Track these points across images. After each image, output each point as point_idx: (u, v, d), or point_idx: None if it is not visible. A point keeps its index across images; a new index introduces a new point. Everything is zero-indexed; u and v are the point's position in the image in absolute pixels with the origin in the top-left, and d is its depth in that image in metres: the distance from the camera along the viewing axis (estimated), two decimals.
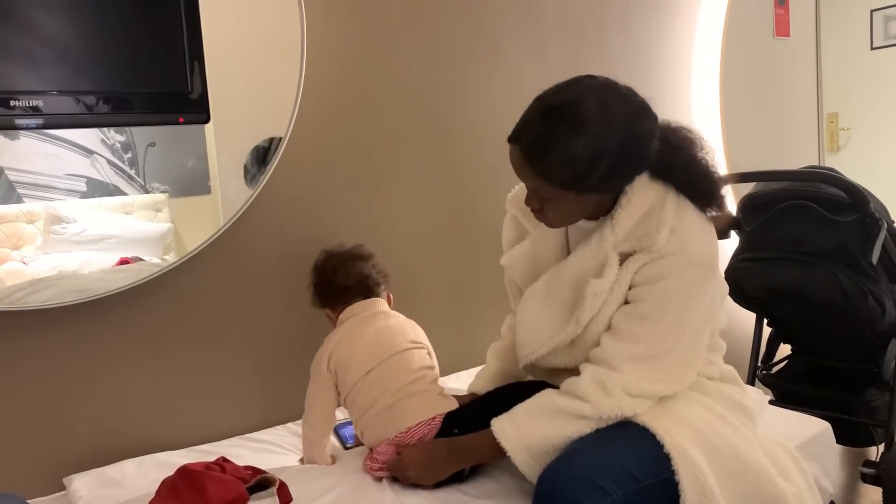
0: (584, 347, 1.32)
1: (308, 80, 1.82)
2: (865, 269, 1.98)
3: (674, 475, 1.19)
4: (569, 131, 1.19)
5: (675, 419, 1.25)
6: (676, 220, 1.26)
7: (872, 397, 2.15)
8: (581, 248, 1.34)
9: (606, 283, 1.27)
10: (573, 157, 1.18)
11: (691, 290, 1.25)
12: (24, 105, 1.47)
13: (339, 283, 1.62)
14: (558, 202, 1.26)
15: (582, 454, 1.19)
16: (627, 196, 1.28)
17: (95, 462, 1.61)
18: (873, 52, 4.03)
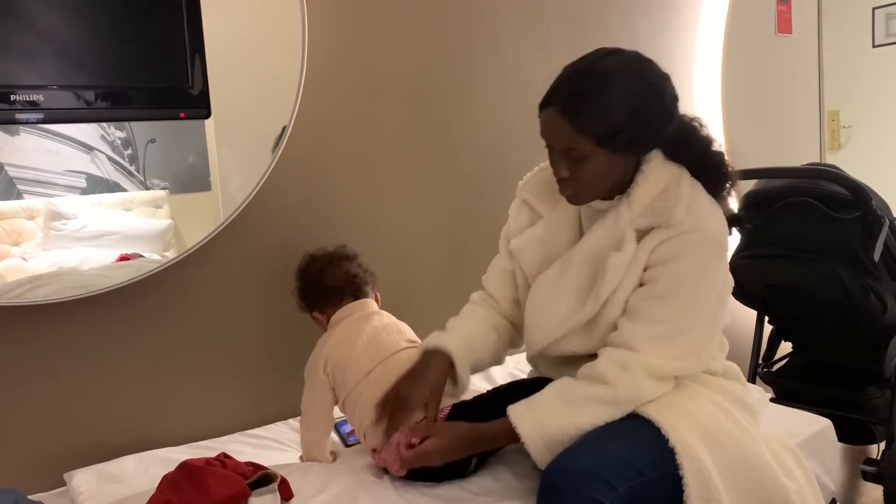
0: (598, 331, 1.32)
1: (309, 76, 1.81)
2: (867, 266, 1.98)
3: (677, 470, 1.19)
4: (601, 85, 1.23)
5: (681, 413, 1.24)
6: (691, 198, 1.29)
7: (873, 395, 2.15)
8: (597, 227, 1.34)
9: (626, 256, 1.28)
10: (609, 108, 1.22)
11: (705, 267, 1.27)
12: (24, 100, 1.47)
13: (327, 284, 1.60)
14: (590, 163, 1.26)
15: (587, 448, 1.19)
16: (644, 173, 1.31)
17: (96, 458, 1.61)
18: (875, 50, 4.02)
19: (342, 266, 1.62)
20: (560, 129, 1.26)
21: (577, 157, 1.26)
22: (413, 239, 2.13)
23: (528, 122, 2.34)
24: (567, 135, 1.25)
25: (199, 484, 1.20)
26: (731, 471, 1.23)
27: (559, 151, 1.29)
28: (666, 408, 1.25)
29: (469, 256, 2.25)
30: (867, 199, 1.93)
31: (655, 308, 1.26)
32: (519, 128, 2.32)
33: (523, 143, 2.33)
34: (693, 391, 1.31)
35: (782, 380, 2.33)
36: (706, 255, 1.27)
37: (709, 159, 1.35)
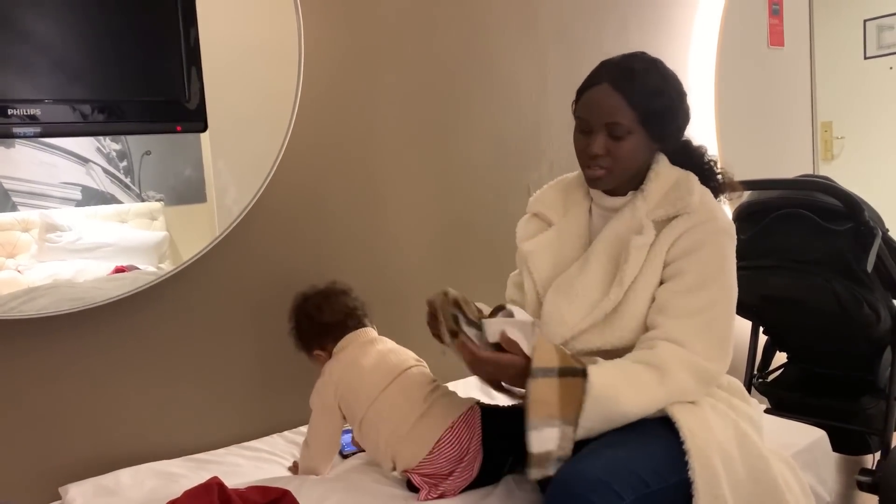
0: (621, 322, 1.33)
1: (305, 90, 1.82)
2: (860, 277, 1.98)
3: (683, 479, 1.20)
4: (650, 70, 1.35)
5: (699, 423, 1.25)
6: (702, 191, 1.37)
7: (868, 405, 2.15)
8: (614, 221, 1.39)
9: (648, 238, 1.33)
10: (656, 90, 1.33)
11: (725, 255, 1.34)
12: (21, 113, 1.47)
13: (327, 320, 1.60)
14: (628, 141, 1.33)
15: (598, 455, 1.19)
16: (655, 170, 1.39)
17: (91, 471, 1.60)
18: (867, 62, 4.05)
19: (339, 301, 1.62)
20: (610, 103, 1.32)
21: (620, 133, 1.32)
22: (409, 252, 2.13)
23: (524, 136, 2.35)
24: (617, 108, 1.32)
25: None
26: (741, 485, 1.23)
27: (600, 128, 1.34)
28: (686, 412, 1.27)
29: (464, 269, 2.25)
30: (860, 211, 1.94)
31: (690, 300, 1.30)
32: (514, 141, 2.33)
33: (519, 157, 2.34)
34: (706, 405, 1.32)
35: (777, 390, 2.33)
36: (724, 242, 1.34)
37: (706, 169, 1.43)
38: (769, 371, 2.43)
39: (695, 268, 1.31)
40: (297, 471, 1.59)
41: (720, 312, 1.31)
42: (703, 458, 1.21)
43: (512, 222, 1.59)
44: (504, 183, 2.31)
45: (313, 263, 1.95)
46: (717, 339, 1.31)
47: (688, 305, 1.29)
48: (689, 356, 1.27)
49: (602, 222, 1.44)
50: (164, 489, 1.48)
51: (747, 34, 3.05)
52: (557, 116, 2.40)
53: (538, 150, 2.37)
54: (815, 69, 3.33)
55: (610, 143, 1.33)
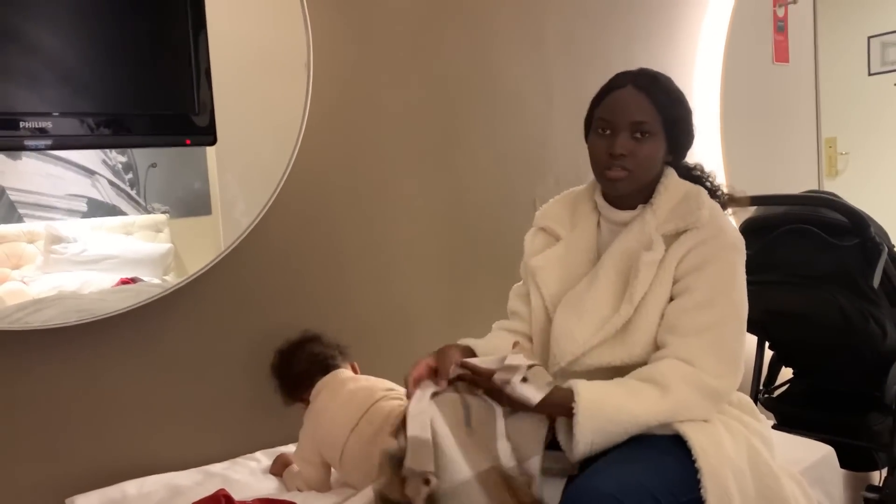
0: (631, 338, 1.32)
1: (313, 104, 1.83)
2: (866, 293, 1.98)
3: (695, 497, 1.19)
4: (665, 78, 1.39)
5: (711, 441, 1.24)
6: (711, 206, 1.36)
7: (875, 422, 2.13)
8: (623, 235, 1.38)
9: (657, 255, 1.32)
10: (678, 97, 1.37)
11: (734, 271, 1.33)
12: (32, 126, 1.47)
13: (294, 372, 1.67)
14: (650, 143, 1.34)
15: (609, 472, 1.18)
16: (664, 184, 1.39)
17: (97, 483, 1.60)
18: (871, 78, 4.06)
19: (304, 350, 1.68)
20: (637, 103, 1.34)
21: (643, 133, 1.33)
22: (416, 263, 2.13)
23: (529, 150, 2.35)
24: (643, 108, 1.33)
25: None
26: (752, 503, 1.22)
27: (624, 127, 1.34)
28: (698, 430, 1.25)
29: (471, 281, 2.25)
30: (866, 227, 1.94)
31: (699, 317, 1.28)
32: (520, 155, 2.33)
33: (524, 171, 2.34)
34: (718, 423, 1.30)
35: (783, 406, 2.32)
36: (733, 259, 1.33)
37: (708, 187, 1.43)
38: (775, 386, 2.42)
39: (703, 284, 1.29)
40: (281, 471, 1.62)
41: (729, 329, 1.30)
42: (716, 478, 1.19)
43: (518, 236, 1.59)
44: (510, 197, 2.31)
45: (321, 277, 1.96)
46: (726, 355, 1.29)
47: (696, 323, 1.28)
48: (693, 373, 1.25)
49: (610, 236, 1.43)
50: (170, 501, 1.48)
51: (752, 50, 3.06)
52: (563, 131, 2.41)
53: (544, 164, 2.37)
54: (819, 85, 3.34)
55: (633, 144, 1.33)
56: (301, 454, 1.55)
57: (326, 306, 1.96)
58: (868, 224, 1.94)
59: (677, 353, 1.27)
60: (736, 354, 1.32)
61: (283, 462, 1.65)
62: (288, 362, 1.69)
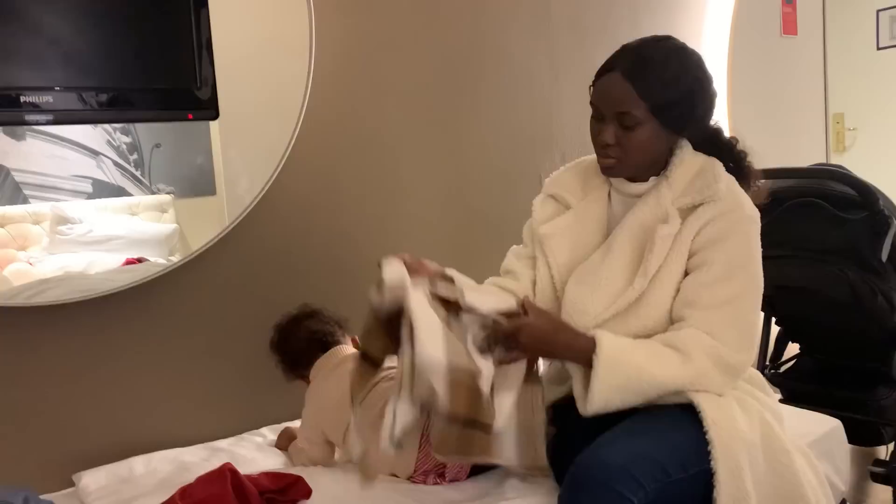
0: (644, 312, 1.31)
1: (316, 78, 1.81)
2: (875, 266, 1.97)
3: (705, 469, 1.19)
4: (668, 57, 1.31)
5: (724, 411, 1.24)
6: (728, 179, 1.34)
7: (881, 396, 2.13)
8: (638, 208, 1.36)
9: (673, 228, 1.30)
10: (671, 79, 1.29)
11: (752, 244, 1.31)
12: (33, 102, 1.47)
13: (292, 350, 1.64)
14: (639, 132, 1.30)
15: (619, 443, 1.19)
16: (679, 157, 1.36)
17: (104, 459, 1.61)
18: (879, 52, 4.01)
19: (302, 327, 1.65)
20: (620, 93, 1.29)
21: (629, 124, 1.30)
22: (421, 239, 2.13)
23: (535, 125, 2.34)
24: (627, 98, 1.29)
25: None
26: (763, 478, 1.22)
27: (610, 117, 1.32)
28: (710, 401, 1.25)
29: (477, 258, 2.23)
30: (875, 200, 1.92)
31: (718, 291, 1.28)
32: (526, 130, 2.32)
33: (531, 146, 2.33)
34: (730, 395, 1.30)
35: (790, 381, 2.31)
36: (750, 232, 1.31)
37: (734, 156, 1.39)
38: (782, 362, 2.42)
39: (722, 258, 1.28)
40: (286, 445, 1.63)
41: (747, 303, 1.30)
42: (727, 450, 1.20)
43: (524, 210, 1.57)
44: (516, 172, 2.30)
45: (325, 252, 1.95)
46: (745, 330, 1.29)
47: (715, 296, 1.27)
48: (714, 346, 1.25)
49: (622, 208, 1.41)
50: (177, 476, 1.49)
51: (760, 22, 3.02)
52: (569, 105, 2.39)
53: (550, 138, 2.36)
54: (827, 59, 3.30)
55: (620, 133, 1.31)
56: (304, 433, 1.55)
57: (331, 282, 1.96)
58: (877, 197, 1.93)
59: (698, 326, 1.27)
60: (753, 329, 1.32)
61: (289, 436, 1.66)
62: (286, 340, 1.67)
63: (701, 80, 1.33)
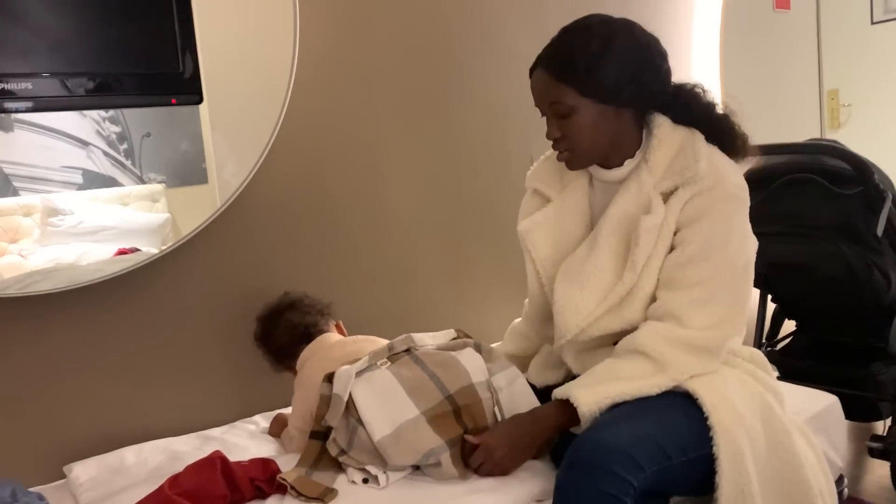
0: (635, 303, 1.30)
1: (301, 59, 1.79)
2: (870, 242, 1.96)
3: (705, 453, 1.19)
4: (580, 35, 1.29)
5: (721, 397, 1.24)
6: (709, 154, 1.30)
7: (878, 371, 2.13)
8: (620, 197, 1.34)
9: (658, 218, 1.28)
10: (588, 55, 1.26)
11: (732, 223, 1.29)
12: (12, 88, 1.45)
13: (276, 345, 1.65)
14: (577, 117, 1.28)
15: (620, 426, 1.18)
16: (657, 137, 1.32)
17: (95, 450, 1.61)
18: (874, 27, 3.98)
19: (283, 319, 1.65)
20: (545, 85, 1.30)
21: (564, 111, 1.28)
22: (410, 221, 2.12)
23: (526, 104, 2.31)
24: (551, 88, 1.29)
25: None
26: (764, 460, 1.22)
27: (549, 113, 1.31)
28: (708, 386, 1.25)
29: (467, 239, 2.24)
30: (870, 174, 1.91)
31: (691, 271, 1.26)
32: (515, 108, 2.30)
33: (520, 123, 2.31)
34: (730, 377, 1.30)
35: (786, 358, 2.32)
36: (730, 210, 1.29)
37: (715, 123, 1.35)
38: (778, 340, 2.42)
39: (698, 237, 1.27)
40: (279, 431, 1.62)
41: (725, 281, 1.28)
42: (728, 435, 1.19)
43: (514, 191, 1.57)
44: (506, 153, 2.28)
45: (314, 236, 1.95)
46: (720, 308, 1.27)
47: (689, 277, 1.26)
48: (672, 332, 1.25)
49: (604, 196, 1.39)
50: (168, 466, 1.49)
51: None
52: None
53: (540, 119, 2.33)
54: (821, 33, 3.28)
55: (562, 124, 1.30)
56: (295, 423, 1.54)
57: (321, 265, 1.96)
58: (872, 171, 1.92)
59: (667, 309, 1.26)
60: (730, 305, 1.29)
61: (281, 422, 1.65)
62: (268, 334, 1.67)
63: (631, 48, 1.28)
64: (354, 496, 1.28)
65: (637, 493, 1.12)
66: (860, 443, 2.22)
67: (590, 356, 1.35)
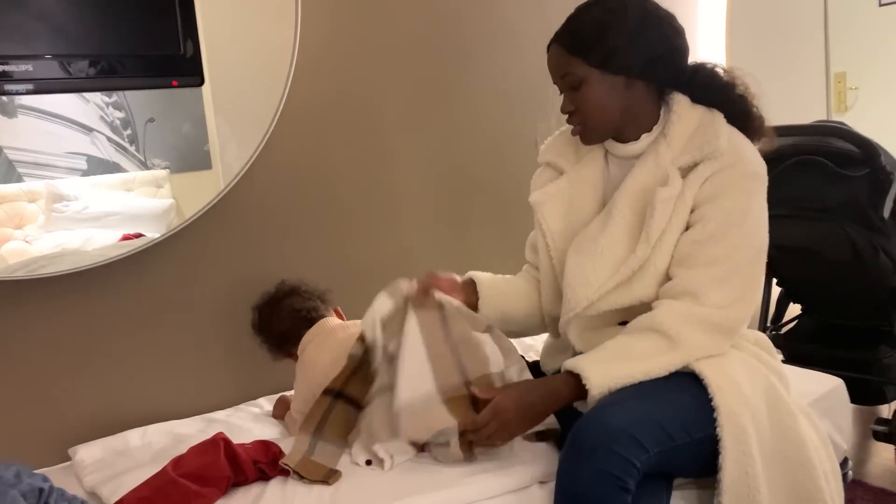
0: (646, 279, 1.29)
1: (303, 40, 1.79)
2: (876, 224, 1.95)
3: (708, 434, 1.19)
4: (590, 9, 1.32)
5: (727, 378, 1.23)
6: (729, 132, 1.30)
7: (883, 355, 2.13)
8: (637, 170, 1.33)
9: (674, 190, 1.27)
10: (597, 26, 1.28)
11: (751, 201, 1.28)
12: (13, 70, 1.45)
13: (277, 330, 1.64)
14: (587, 88, 1.29)
15: (623, 407, 1.17)
16: (676, 113, 1.32)
17: (100, 432, 1.61)
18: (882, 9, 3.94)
19: (283, 306, 1.65)
20: (558, 59, 1.31)
21: (574, 83, 1.30)
22: (414, 205, 2.12)
23: (529, 87, 2.31)
24: (563, 61, 1.30)
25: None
26: (768, 442, 1.22)
27: (562, 86, 1.32)
28: (714, 367, 1.24)
29: (471, 223, 2.23)
30: (876, 156, 1.90)
31: (709, 249, 1.26)
32: (519, 92, 2.29)
33: (525, 109, 2.30)
34: (735, 359, 1.29)
35: (791, 342, 2.31)
36: (750, 188, 1.28)
37: (733, 104, 1.33)
38: (783, 323, 2.41)
39: (717, 215, 1.26)
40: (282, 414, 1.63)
41: (742, 259, 1.27)
42: (732, 416, 1.19)
43: (519, 175, 1.56)
44: (511, 136, 2.27)
45: (317, 219, 1.95)
46: (734, 287, 1.26)
47: (707, 255, 1.25)
48: (691, 311, 1.24)
49: (619, 171, 1.38)
50: (172, 449, 1.49)
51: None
52: None
53: (545, 101, 2.32)
54: (829, 16, 3.25)
55: (574, 96, 1.31)
56: (298, 407, 1.54)
57: (323, 249, 1.96)
58: (879, 152, 1.91)
59: (684, 285, 1.25)
60: (748, 285, 1.29)
61: (285, 404, 1.66)
62: (269, 321, 1.67)
63: (640, 20, 1.29)
64: (358, 478, 1.29)
65: (640, 473, 1.12)
66: (865, 426, 2.22)
67: (595, 335, 1.34)
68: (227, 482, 1.24)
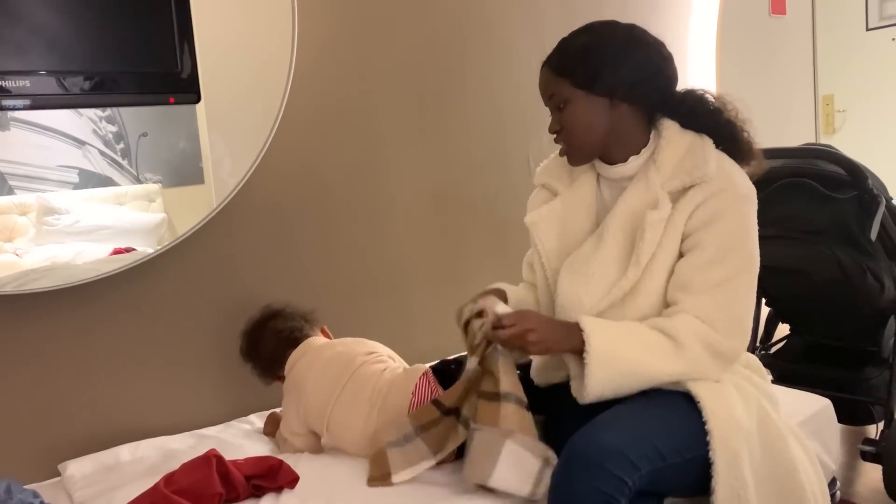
0: (638, 302, 1.30)
1: (300, 58, 1.80)
2: (864, 246, 1.97)
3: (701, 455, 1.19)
4: (581, 33, 1.36)
5: (721, 402, 1.24)
6: (719, 157, 1.31)
7: (871, 375, 2.14)
8: (628, 193, 1.35)
9: (664, 213, 1.28)
10: (584, 49, 1.33)
11: (746, 223, 1.30)
12: (10, 86, 1.45)
13: (264, 353, 1.65)
14: (571, 108, 1.32)
15: (617, 425, 1.18)
16: (665, 138, 1.34)
17: (90, 448, 1.60)
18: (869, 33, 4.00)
19: (268, 328, 1.66)
20: (546, 79, 1.35)
21: (560, 104, 1.33)
22: (408, 221, 2.12)
23: (523, 105, 2.33)
24: (551, 82, 1.34)
25: None
26: (759, 465, 1.23)
27: (551, 107, 1.36)
28: (709, 391, 1.25)
29: (465, 239, 2.24)
30: (864, 178, 1.92)
31: (710, 273, 1.27)
32: (513, 111, 2.31)
33: (518, 127, 2.32)
34: (729, 383, 1.30)
35: (780, 362, 2.33)
36: (744, 211, 1.30)
37: (722, 129, 1.35)
38: (772, 343, 2.43)
39: (715, 239, 1.27)
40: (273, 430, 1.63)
41: (742, 284, 1.28)
42: (725, 441, 1.20)
43: (513, 193, 1.58)
44: (504, 153, 2.29)
45: (311, 236, 1.96)
46: (737, 315, 1.28)
47: (708, 280, 1.26)
48: (707, 331, 1.25)
49: (611, 193, 1.40)
50: (164, 464, 1.48)
51: (749, 1, 3.01)
52: None
53: (538, 119, 2.34)
54: (816, 39, 3.30)
55: (559, 116, 1.35)
56: (288, 427, 1.54)
57: (317, 266, 1.97)
58: (866, 175, 1.93)
59: (690, 311, 1.26)
60: (747, 313, 1.30)
61: (275, 421, 1.65)
62: (255, 344, 1.68)
63: (627, 43, 1.33)
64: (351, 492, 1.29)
65: (632, 492, 1.12)
66: (852, 446, 2.22)
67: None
68: (219, 499, 1.24)
